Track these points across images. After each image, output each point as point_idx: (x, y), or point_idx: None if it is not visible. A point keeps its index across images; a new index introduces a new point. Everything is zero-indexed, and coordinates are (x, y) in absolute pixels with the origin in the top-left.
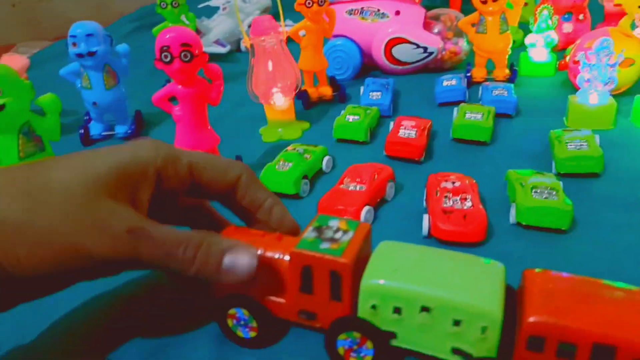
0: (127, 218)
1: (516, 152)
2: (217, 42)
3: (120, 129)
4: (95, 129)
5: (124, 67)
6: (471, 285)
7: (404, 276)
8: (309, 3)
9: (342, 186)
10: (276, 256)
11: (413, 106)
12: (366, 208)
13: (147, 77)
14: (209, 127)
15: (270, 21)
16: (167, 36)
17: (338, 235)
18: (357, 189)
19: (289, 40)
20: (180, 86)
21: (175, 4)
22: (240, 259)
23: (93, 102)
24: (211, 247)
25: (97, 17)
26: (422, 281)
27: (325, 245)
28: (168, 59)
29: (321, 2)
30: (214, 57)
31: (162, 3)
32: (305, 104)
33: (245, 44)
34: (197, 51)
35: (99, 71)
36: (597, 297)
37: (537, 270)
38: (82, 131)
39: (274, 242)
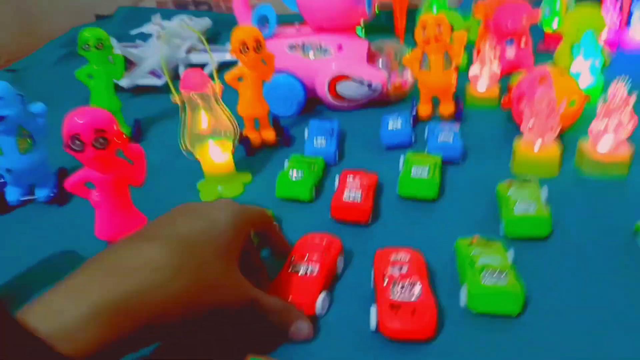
0: (249, 288)
1: (464, 208)
2: (153, 73)
3: (41, 193)
4: (13, 194)
5: (41, 128)
6: None
7: None
8: (244, 49)
9: (291, 269)
10: None
11: (359, 151)
12: (322, 296)
13: None
14: (133, 209)
15: (201, 76)
16: (77, 122)
17: None
18: (309, 272)
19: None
20: (96, 172)
21: (99, 45)
22: (302, 325)
23: (7, 169)
24: (291, 315)
25: (20, 41)
26: None
27: None
28: (80, 148)
29: (257, 48)
30: (148, 89)
31: (84, 45)
32: (247, 150)
33: (174, 100)
34: (112, 135)
35: (11, 135)
36: None
37: None
38: None
39: None
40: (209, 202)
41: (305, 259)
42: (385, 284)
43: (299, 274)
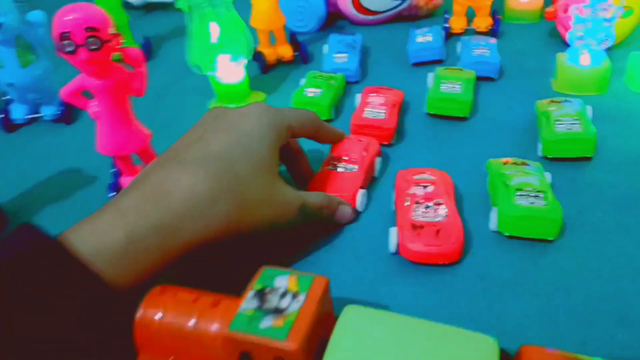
0: (294, 195)
1: (499, 127)
2: None
3: (48, 110)
4: (18, 112)
5: (42, 39)
6: None
7: None
8: None
9: (329, 167)
10: (212, 329)
11: (384, 68)
12: (362, 191)
13: None
14: (136, 122)
15: None
16: (67, 19)
17: (285, 302)
18: (349, 169)
19: None
20: (92, 78)
21: None
22: (345, 208)
23: (8, 84)
24: (334, 203)
25: None
26: None
27: (267, 323)
28: (71, 49)
29: None
30: (158, 6)
31: None
32: (262, 67)
33: (180, 6)
34: (107, 35)
35: (10, 46)
36: None
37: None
38: (2, 116)
39: (207, 309)
40: (239, 109)
41: (344, 158)
42: (407, 205)
43: (338, 172)
